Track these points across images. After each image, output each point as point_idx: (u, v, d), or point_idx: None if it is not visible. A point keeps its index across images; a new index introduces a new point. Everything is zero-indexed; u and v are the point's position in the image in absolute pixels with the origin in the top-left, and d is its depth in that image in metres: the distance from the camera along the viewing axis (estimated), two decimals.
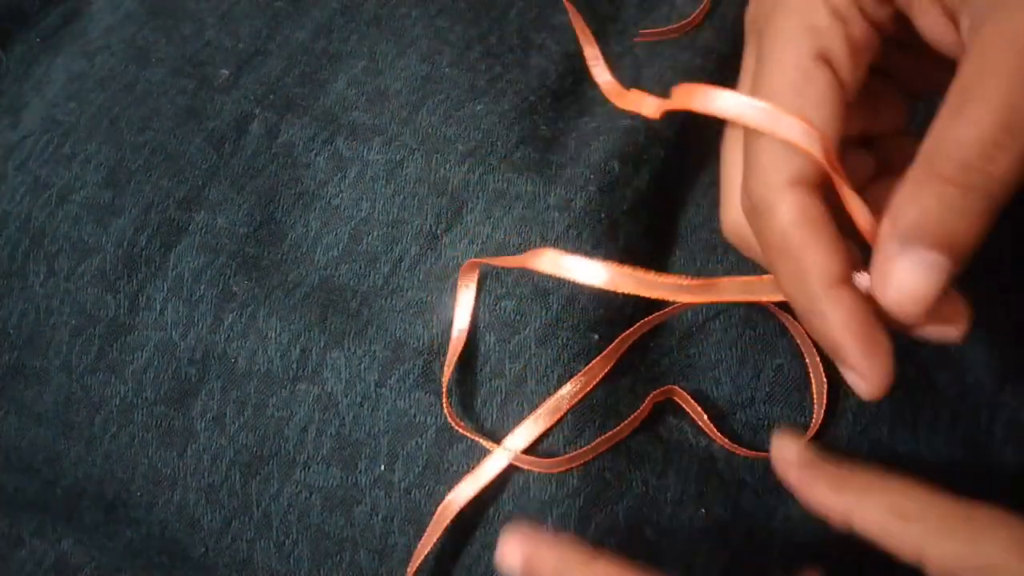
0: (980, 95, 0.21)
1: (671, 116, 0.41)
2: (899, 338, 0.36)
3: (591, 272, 0.28)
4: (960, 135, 0.21)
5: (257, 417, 0.35)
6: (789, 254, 0.24)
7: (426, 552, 0.32)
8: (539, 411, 0.34)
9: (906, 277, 0.22)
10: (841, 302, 0.23)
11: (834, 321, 0.23)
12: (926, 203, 0.21)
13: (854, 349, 0.24)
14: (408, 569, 0.32)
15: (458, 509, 0.33)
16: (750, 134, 0.25)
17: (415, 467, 0.34)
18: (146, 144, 0.41)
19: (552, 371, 0.34)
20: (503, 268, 0.37)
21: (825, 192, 0.25)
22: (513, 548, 0.26)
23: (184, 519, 0.35)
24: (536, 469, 0.33)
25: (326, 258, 0.38)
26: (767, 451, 0.32)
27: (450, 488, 0.33)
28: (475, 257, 0.37)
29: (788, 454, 0.26)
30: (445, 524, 0.32)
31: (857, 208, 0.24)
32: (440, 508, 0.33)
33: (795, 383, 0.35)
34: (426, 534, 0.33)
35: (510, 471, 0.33)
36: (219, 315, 0.37)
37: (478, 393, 0.35)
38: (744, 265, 0.38)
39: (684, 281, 0.27)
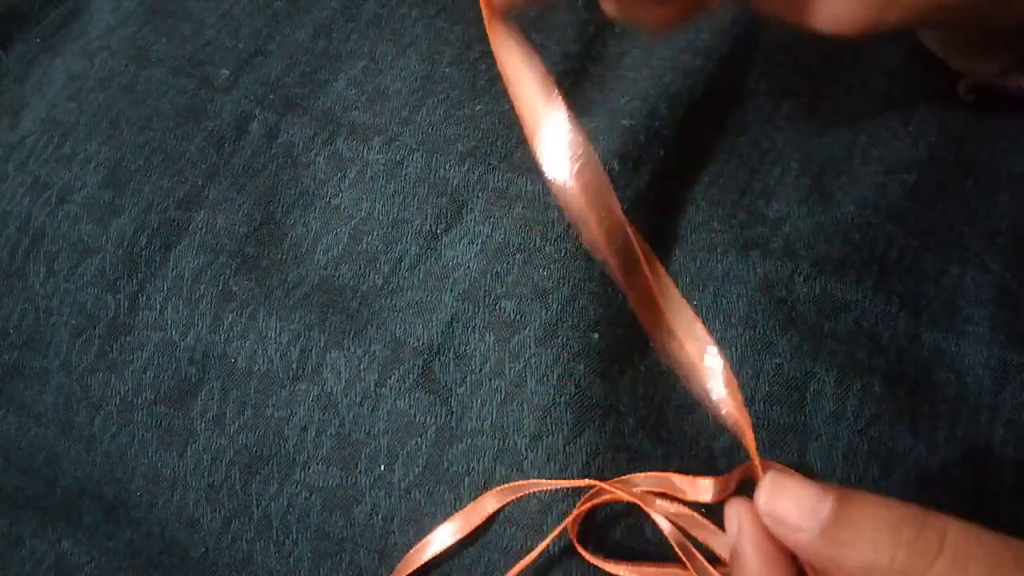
0: None
1: (670, 115, 0.41)
2: (898, 338, 0.36)
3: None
4: None
5: (257, 417, 0.35)
6: None
7: None
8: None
9: None
10: None
11: None
12: None
13: None
14: None
15: (434, 554, 0.32)
16: None
17: (415, 467, 0.34)
18: (146, 144, 0.41)
19: (552, 371, 0.34)
20: (503, 268, 0.37)
21: None
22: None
23: (184, 519, 0.35)
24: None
25: (326, 258, 0.38)
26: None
27: (450, 488, 0.33)
28: (475, 257, 0.37)
29: (801, 518, 0.21)
30: (415, 566, 0.32)
31: None
32: (413, 550, 0.33)
33: (795, 383, 0.35)
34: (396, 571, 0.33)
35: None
36: (219, 315, 0.37)
37: (478, 393, 0.35)
38: (743, 265, 0.38)
39: None
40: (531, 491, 0.32)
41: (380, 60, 0.43)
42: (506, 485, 0.33)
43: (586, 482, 0.32)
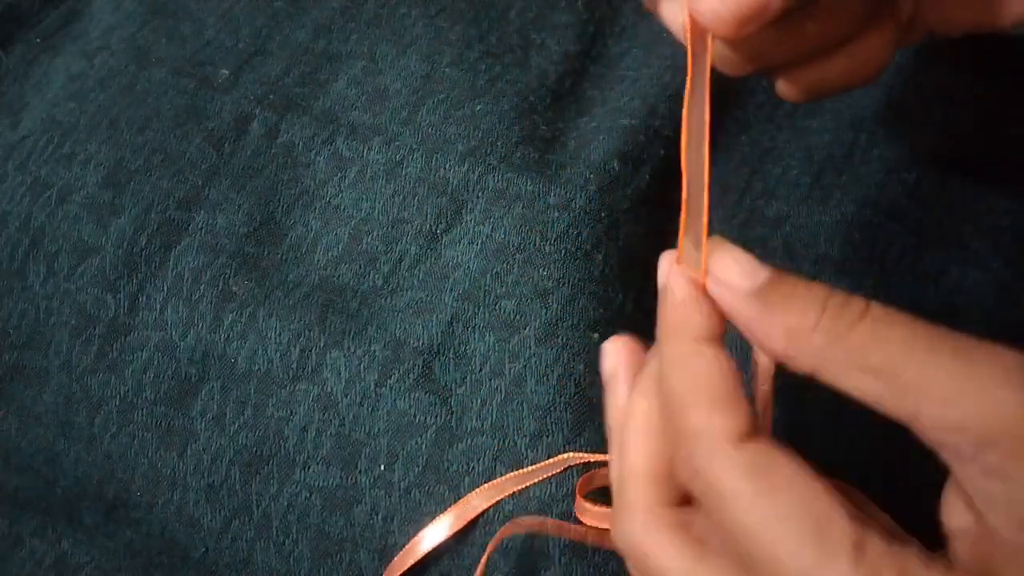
0: None
1: (672, 115, 0.41)
2: None
3: None
4: None
5: (257, 417, 0.35)
6: None
7: None
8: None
9: None
10: None
11: None
12: None
13: None
14: None
15: (428, 550, 0.32)
16: None
17: (415, 467, 0.34)
18: (146, 144, 0.41)
19: (552, 371, 0.34)
20: (503, 268, 0.37)
21: None
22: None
23: (184, 519, 0.35)
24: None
25: (326, 258, 0.38)
26: None
27: (450, 488, 0.33)
28: (475, 257, 0.37)
29: (738, 277, 0.22)
30: (415, 559, 0.32)
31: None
32: (413, 540, 0.33)
33: (795, 382, 0.35)
34: (396, 560, 0.33)
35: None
36: (219, 315, 0.37)
37: (478, 392, 0.35)
38: None
39: None
40: (516, 488, 0.33)
41: (380, 60, 0.43)
42: (494, 482, 0.33)
43: (564, 457, 0.32)
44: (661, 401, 0.23)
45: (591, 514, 0.31)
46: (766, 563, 0.20)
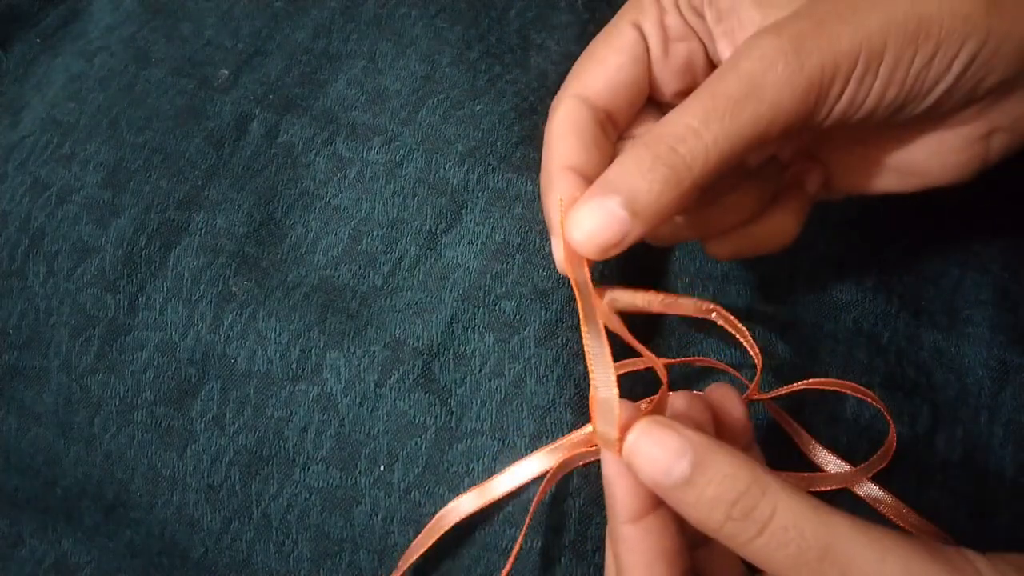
0: (698, 93, 0.25)
1: None
2: (898, 338, 0.36)
3: None
4: (669, 118, 0.25)
5: (257, 417, 0.35)
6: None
7: (416, 556, 0.32)
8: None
9: (586, 217, 0.25)
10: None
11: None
12: (622, 163, 0.25)
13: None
14: (399, 565, 0.32)
15: (456, 520, 0.32)
16: None
17: (415, 467, 0.34)
18: (146, 144, 0.41)
19: (552, 371, 0.34)
20: (502, 269, 0.37)
21: None
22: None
23: (184, 519, 0.35)
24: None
25: (326, 258, 0.38)
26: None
27: (450, 488, 0.33)
28: (475, 257, 0.37)
29: (655, 474, 0.24)
30: (440, 533, 0.32)
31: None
32: (438, 515, 0.33)
33: (794, 383, 0.35)
34: (420, 537, 0.32)
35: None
36: (219, 315, 0.37)
37: (478, 393, 0.35)
38: (742, 265, 0.38)
39: None
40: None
41: (380, 60, 0.43)
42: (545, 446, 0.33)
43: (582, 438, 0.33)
44: None
45: None
46: None
